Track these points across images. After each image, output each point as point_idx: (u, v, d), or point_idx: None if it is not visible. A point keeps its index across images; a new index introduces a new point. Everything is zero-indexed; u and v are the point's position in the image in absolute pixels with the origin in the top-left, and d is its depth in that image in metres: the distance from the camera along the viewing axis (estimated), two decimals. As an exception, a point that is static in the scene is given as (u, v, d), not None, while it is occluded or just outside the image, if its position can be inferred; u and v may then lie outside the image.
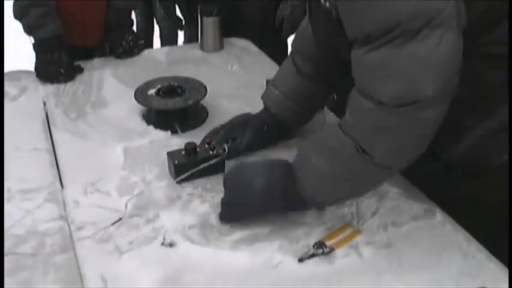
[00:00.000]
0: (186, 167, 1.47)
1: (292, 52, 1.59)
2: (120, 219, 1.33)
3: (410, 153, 1.17)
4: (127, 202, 1.38)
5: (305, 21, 1.55)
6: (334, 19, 1.17)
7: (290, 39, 2.52)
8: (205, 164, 1.47)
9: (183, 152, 1.49)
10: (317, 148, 1.26)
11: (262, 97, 1.62)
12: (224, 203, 1.33)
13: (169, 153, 1.51)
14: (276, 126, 1.58)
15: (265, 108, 1.60)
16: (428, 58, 1.05)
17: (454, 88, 1.11)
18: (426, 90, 1.06)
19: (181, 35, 2.99)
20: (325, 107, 1.72)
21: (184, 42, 2.84)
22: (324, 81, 1.54)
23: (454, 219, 1.33)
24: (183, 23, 2.66)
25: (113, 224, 1.32)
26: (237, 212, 1.32)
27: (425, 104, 1.08)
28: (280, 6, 2.43)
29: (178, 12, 2.73)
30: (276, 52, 2.31)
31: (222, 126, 1.59)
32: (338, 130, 1.20)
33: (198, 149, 1.50)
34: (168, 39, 3.48)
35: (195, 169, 1.46)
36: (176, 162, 1.47)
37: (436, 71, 1.07)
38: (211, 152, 1.50)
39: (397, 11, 1.04)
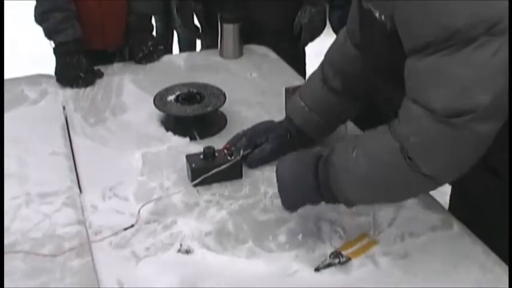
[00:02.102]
0: (203, 170, 1.47)
1: (323, 63, 1.57)
2: (132, 225, 1.34)
3: (459, 166, 1.13)
4: (140, 208, 1.38)
5: (342, 36, 1.52)
6: (388, 32, 1.15)
7: (308, 47, 2.53)
8: (221, 168, 1.47)
9: (201, 156, 1.50)
10: (360, 148, 1.20)
11: (286, 106, 1.62)
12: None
13: (187, 157, 1.52)
14: (299, 136, 1.58)
15: (288, 118, 1.60)
16: (483, 66, 1.01)
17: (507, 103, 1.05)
18: (480, 99, 1.02)
19: (199, 42, 2.99)
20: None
21: (202, 49, 2.84)
22: (350, 97, 1.53)
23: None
24: (200, 31, 2.66)
25: (125, 229, 1.33)
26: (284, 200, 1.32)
27: (481, 115, 1.03)
28: (299, 14, 2.42)
29: (196, 21, 2.73)
30: (294, 60, 2.31)
31: (244, 133, 1.59)
32: (387, 134, 1.15)
33: (216, 154, 1.50)
34: (186, 46, 3.49)
35: (211, 172, 1.47)
36: (193, 165, 1.48)
37: (491, 81, 1.02)
38: (229, 158, 1.50)
39: (455, 19, 1.01)
